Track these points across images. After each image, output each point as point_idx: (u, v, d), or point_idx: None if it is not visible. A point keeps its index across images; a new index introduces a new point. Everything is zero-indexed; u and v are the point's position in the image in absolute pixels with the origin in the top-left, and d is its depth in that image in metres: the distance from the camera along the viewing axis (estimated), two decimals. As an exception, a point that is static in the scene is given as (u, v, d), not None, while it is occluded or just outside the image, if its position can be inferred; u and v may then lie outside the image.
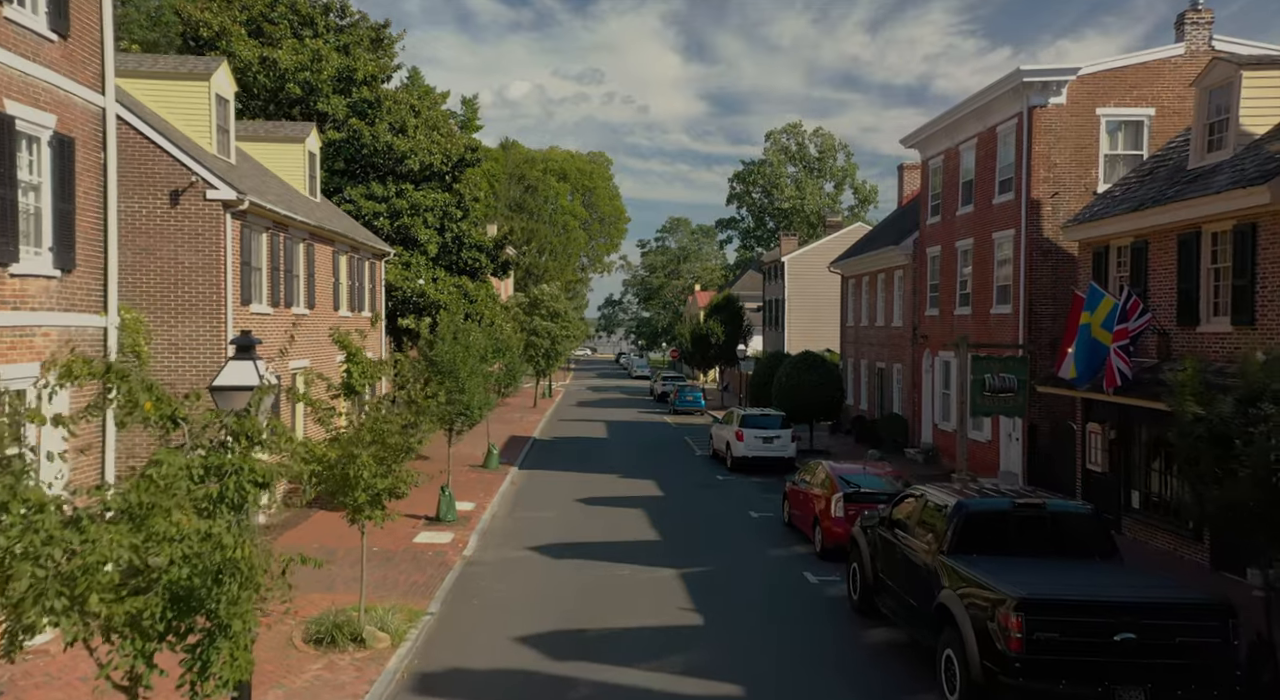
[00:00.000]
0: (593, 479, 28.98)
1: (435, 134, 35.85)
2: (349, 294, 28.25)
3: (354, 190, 33.16)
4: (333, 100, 33.58)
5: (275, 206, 20.60)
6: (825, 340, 54.57)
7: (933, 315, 31.19)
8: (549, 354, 55.96)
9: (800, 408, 33.52)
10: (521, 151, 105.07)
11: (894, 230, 38.32)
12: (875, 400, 37.54)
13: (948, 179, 30.04)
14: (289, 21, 34.58)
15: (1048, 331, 24.07)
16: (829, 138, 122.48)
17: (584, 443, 39.20)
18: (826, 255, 54.78)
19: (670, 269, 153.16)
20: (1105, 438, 19.82)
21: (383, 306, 31.95)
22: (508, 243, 38.15)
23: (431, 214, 35.28)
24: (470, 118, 48.21)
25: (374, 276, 31.11)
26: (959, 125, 28.67)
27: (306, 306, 23.93)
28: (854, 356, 40.72)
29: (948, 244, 29.87)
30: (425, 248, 34.95)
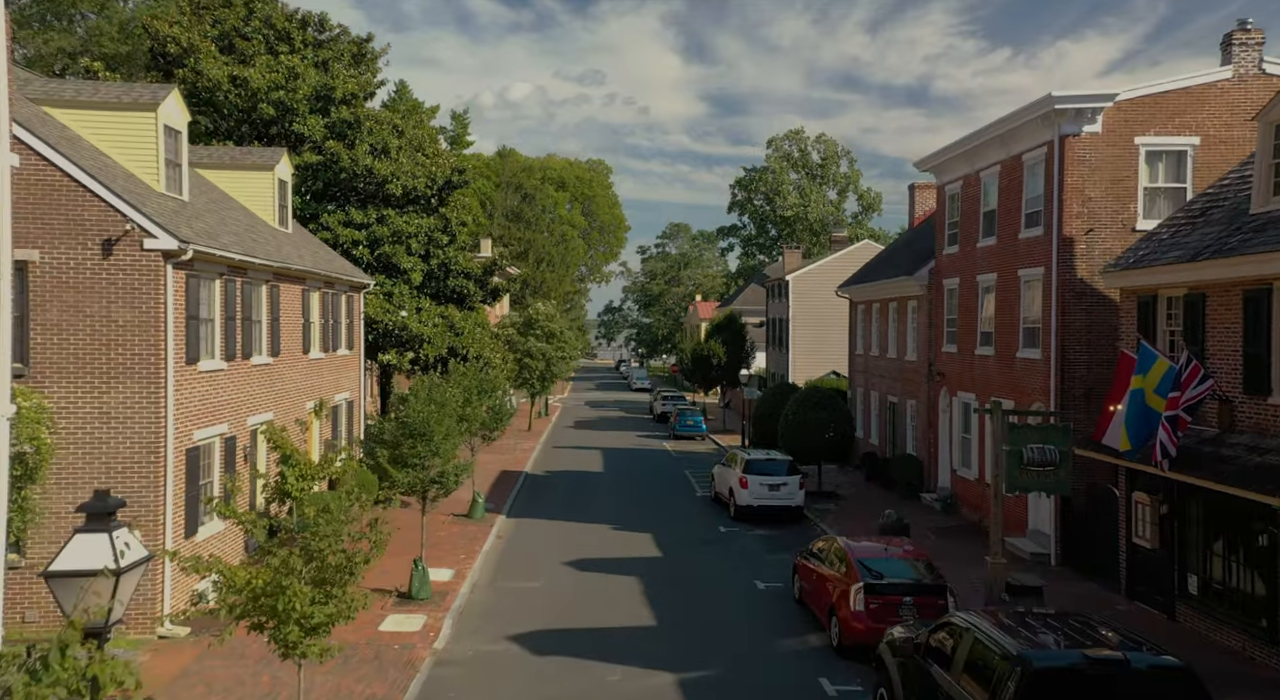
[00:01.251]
0: (585, 531, 26.90)
1: (419, 155, 33.77)
2: (322, 333, 26.18)
3: (331, 217, 31.08)
4: (310, 121, 31.50)
5: (229, 251, 18.52)
6: (831, 362, 52.54)
7: (950, 352, 29.10)
8: (544, 377, 53.89)
9: (809, 449, 31.41)
10: (519, 160, 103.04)
11: (906, 254, 36.25)
12: (886, 435, 35.44)
13: (967, 207, 27.96)
14: (264, 37, 32.50)
15: (1081, 381, 21.98)
16: (831, 144, 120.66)
17: (578, 478, 37.11)
18: (832, 273, 52.75)
19: (670, 276, 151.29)
20: (1155, 511, 17.72)
21: (361, 342, 29.88)
22: (497, 269, 36.07)
23: (415, 240, 33.20)
24: (461, 133, 46.13)
25: (352, 310, 29.05)
26: (980, 151, 26.58)
27: (270, 354, 21.85)
28: (863, 386, 38.63)
29: (967, 277, 27.78)
30: (409, 276, 32.88)
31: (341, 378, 28.19)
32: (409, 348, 31.78)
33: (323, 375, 26.31)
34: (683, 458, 44.64)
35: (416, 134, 34.97)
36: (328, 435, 26.83)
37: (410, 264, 32.64)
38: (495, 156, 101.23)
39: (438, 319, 33.10)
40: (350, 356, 29.08)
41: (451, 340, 32.49)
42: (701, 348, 55.59)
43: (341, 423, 28.47)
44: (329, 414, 26.80)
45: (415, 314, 32.58)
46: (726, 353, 54.88)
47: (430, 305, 33.99)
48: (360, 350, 29.90)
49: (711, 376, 56.05)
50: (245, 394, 20.23)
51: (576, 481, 36.31)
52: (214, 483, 18.61)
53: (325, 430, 26.68)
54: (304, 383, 24.58)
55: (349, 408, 29.05)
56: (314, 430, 25.79)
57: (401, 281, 32.88)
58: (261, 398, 21.22)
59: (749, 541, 25.86)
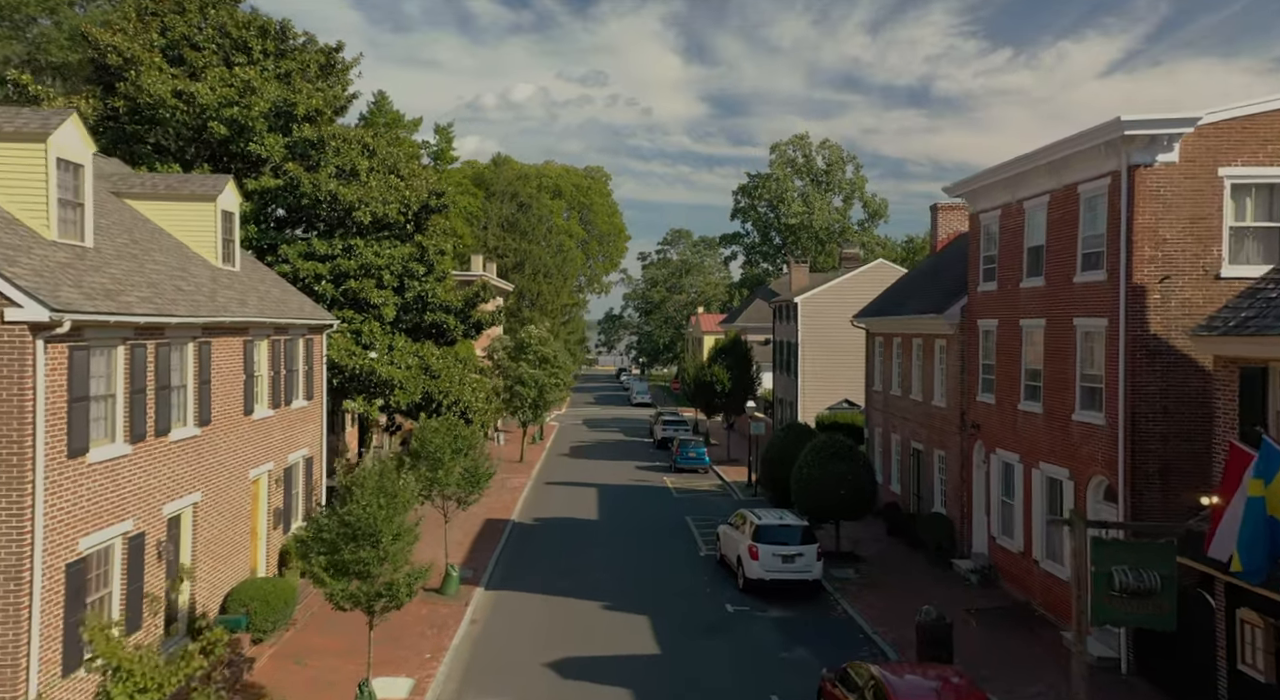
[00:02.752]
0: (574, 611, 23.55)
1: (393, 177, 30.44)
2: (271, 387, 22.84)
3: (291, 249, 27.75)
4: (268, 140, 28.20)
5: (134, 312, 15.19)
6: (843, 389, 49.22)
7: (987, 402, 25.74)
8: (536, 404, 50.57)
9: (826, 507, 28.05)
10: (514, 167, 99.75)
11: (931, 285, 32.89)
12: (909, 485, 32.07)
13: (1007, 241, 24.60)
14: (218, 47, 29.19)
15: (1155, 456, 18.61)
16: (836, 149, 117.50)
17: (570, 529, 33.75)
18: (844, 294, 49.42)
19: (672, 283, 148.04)
20: (1270, 636, 14.37)
21: (323, 390, 26.53)
22: (480, 301, 32.73)
23: (388, 272, 29.87)
24: (444, 148, 42.75)
25: (311, 355, 25.70)
26: (1024, 179, 23.23)
27: (198, 424, 18.51)
28: (882, 427, 35.26)
29: (1008, 320, 24.43)
30: (380, 311, 29.54)
31: (297, 434, 24.86)
32: (378, 394, 28.44)
33: (272, 435, 22.97)
34: (685, 499, 41.26)
35: (391, 152, 31.62)
36: (279, 504, 23.48)
37: (381, 298, 29.31)
38: (490, 164, 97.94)
39: (412, 359, 29.75)
40: (309, 408, 25.74)
41: (427, 384, 29.16)
42: (704, 372, 52.24)
43: (298, 484, 25.12)
44: (280, 479, 23.46)
45: (387, 354, 29.25)
46: (731, 378, 51.49)
47: (405, 343, 30.67)
48: (322, 399, 26.56)
49: (715, 403, 52.68)
50: (161, 478, 16.89)
51: (568, 534, 32.95)
52: (113, 594, 15.28)
53: (276, 498, 23.34)
54: (246, 449, 21.25)
55: (307, 466, 25.70)
56: (260, 501, 22.45)
57: (372, 318, 29.56)
58: (185, 478, 17.87)
59: (762, 630, 22.45)
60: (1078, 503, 20.59)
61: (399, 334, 30.90)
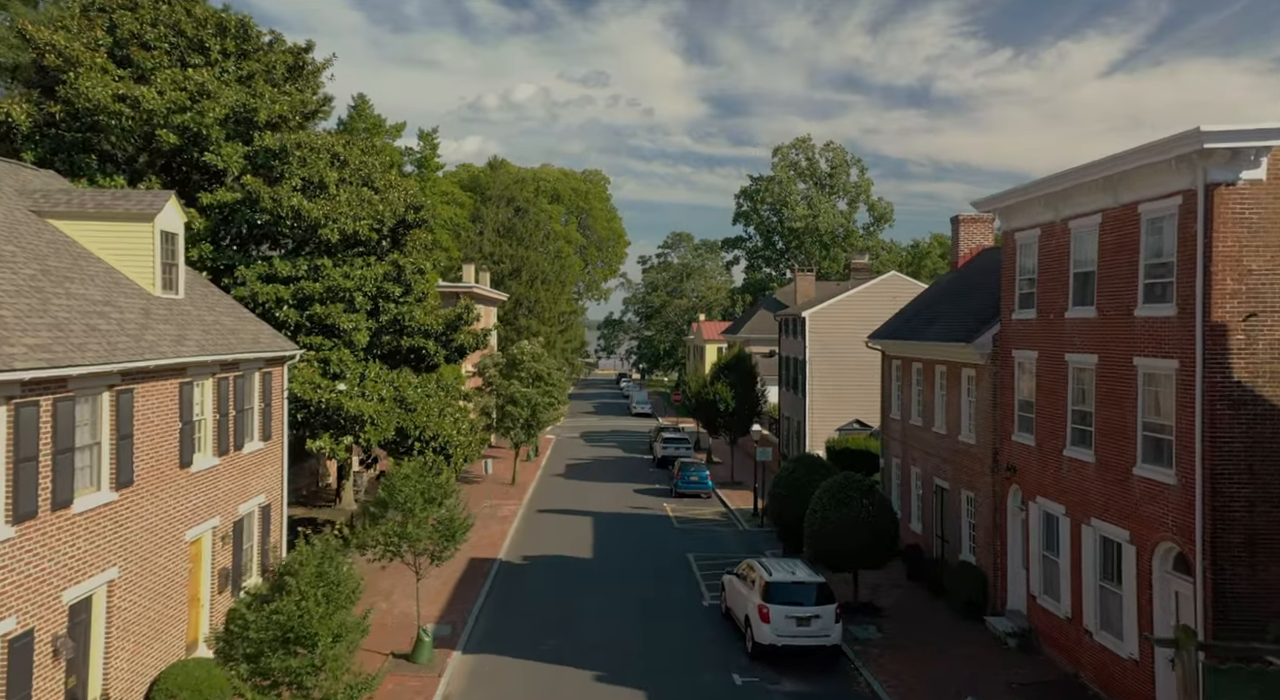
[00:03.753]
0: (562, 683, 20.80)
1: (366, 190, 27.71)
2: (217, 432, 20.11)
3: (249, 271, 25.02)
4: (226, 150, 25.49)
5: (15, 366, 12.48)
6: (854, 409, 46.47)
7: (1024, 444, 22.99)
8: (528, 424, 47.81)
9: (843, 554, 25.33)
10: (511, 170, 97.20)
11: (953, 306, 30.13)
12: (933, 525, 29.31)
13: (1049, 264, 21.86)
14: (171, 46, 26.46)
15: (1241, 525, 15.86)
16: (840, 152, 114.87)
17: (562, 570, 31.00)
18: (854, 309, 46.71)
19: (672, 287, 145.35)
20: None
21: (284, 428, 23.80)
22: (464, 322, 29.97)
23: (360, 294, 27.15)
24: (429, 155, 39.91)
25: (269, 390, 22.98)
26: (1070, 195, 20.49)
27: (115, 487, 15.79)
28: (901, 458, 32.50)
29: (1050, 354, 21.68)
30: (351, 337, 26.81)
31: (251, 481, 22.14)
32: (346, 431, 25.70)
33: (218, 486, 20.25)
34: (686, 530, 38.52)
35: (366, 162, 28.89)
36: (227, 563, 20.74)
37: (352, 323, 26.57)
38: (486, 167, 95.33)
39: (386, 390, 27.00)
40: (267, 450, 23.02)
41: (401, 419, 26.41)
42: (707, 390, 49.50)
43: (253, 536, 22.39)
44: (228, 536, 20.72)
45: (359, 384, 26.50)
46: (735, 395, 48.75)
47: (380, 370, 27.93)
48: (283, 438, 23.84)
49: (718, 423, 49.92)
50: (59, 560, 14.17)
51: (559, 577, 30.19)
52: (-7, 711, 12.56)
53: (224, 557, 20.59)
54: (183, 506, 18.52)
55: (264, 516, 22.98)
56: (202, 563, 19.72)
57: (342, 344, 26.82)
58: (94, 554, 15.14)
59: (774, 709, 19.73)
60: (1140, 571, 17.84)
61: (373, 361, 28.18)
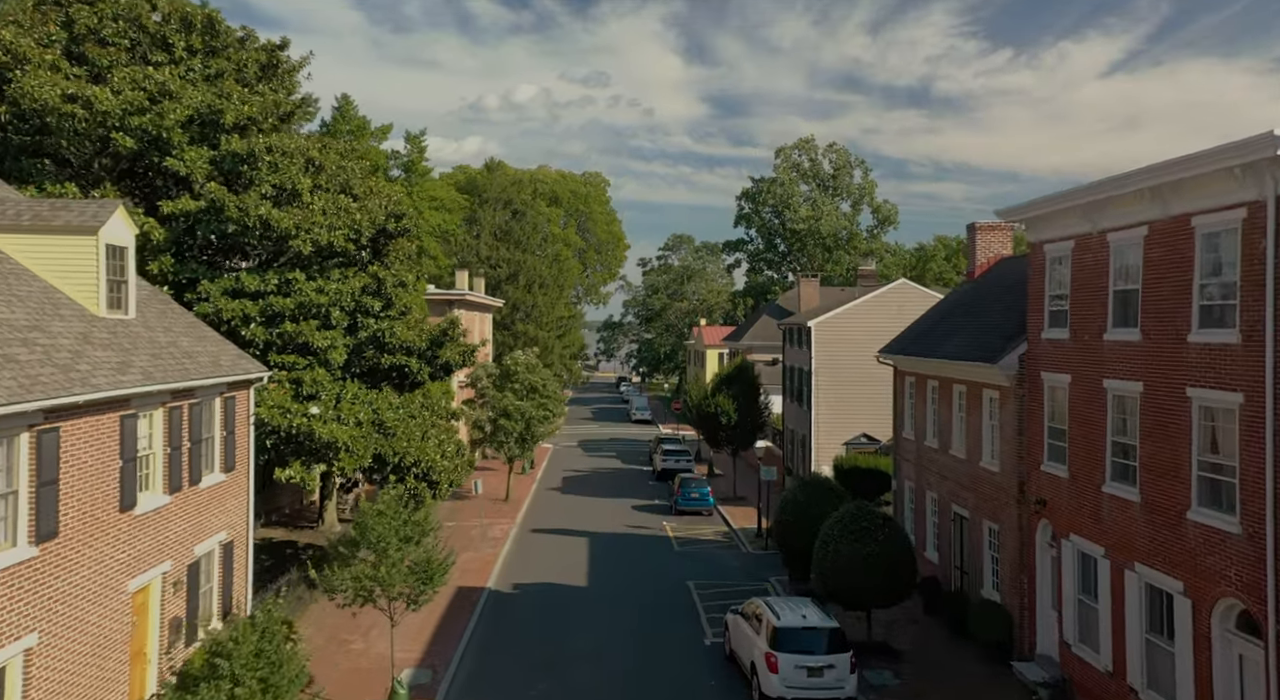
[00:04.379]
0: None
1: (343, 198, 25.80)
2: (168, 467, 18.20)
3: (212, 285, 23.11)
4: (189, 155, 23.59)
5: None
6: (861, 422, 44.65)
7: (1056, 475, 21.07)
8: (522, 439, 45.91)
9: (856, 592, 23.44)
10: (508, 173, 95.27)
11: (970, 319, 28.21)
12: (951, 556, 27.40)
13: (1084, 280, 19.94)
14: (131, 42, 24.55)
15: (1318, 584, 13.93)
16: (844, 153, 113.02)
17: (554, 601, 29.09)
18: (862, 319, 44.82)
19: (673, 289, 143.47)
20: None
21: (250, 457, 21.88)
22: (449, 338, 28.04)
23: (337, 309, 25.26)
24: (416, 159, 37.90)
25: (231, 417, 21.06)
26: (1110, 205, 18.57)
27: (35, 541, 13.88)
28: (915, 481, 30.58)
29: (1086, 379, 19.76)
30: (326, 356, 24.91)
31: (210, 517, 20.22)
32: (319, 458, 23.79)
33: (169, 527, 18.34)
34: (687, 553, 36.60)
35: (345, 167, 26.99)
36: (179, 611, 18.81)
37: (327, 341, 24.67)
38: (482, 169, 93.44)
39: (364, 412, 25.08)
40: (230, 482, 21.11)
41: (379, 444, 24.49)
42: (708, 402, 47.56)
43: (212, 578, 20.47)
44: (181, 581, 18.80)
45: (334, 407, 24.59)
46: (737, 408, 46.83)
47: (359, 391, 26.03)
48: (248, 469, 21.92)
49: (720, 437, 47.99)
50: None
51: (551, 609, 28.28)
52: None
53: (176, 605, 18.66)
54: (124, 554, 16.61)
55: (226, 553, 21.06)
56: (149, 615, 17.80)
57: (316, 364, 24.90)
58: (5, 622, 13.22)
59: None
60: (1197, 629, 15.92)
61: (352, 380, 26.28)
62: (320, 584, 19.67)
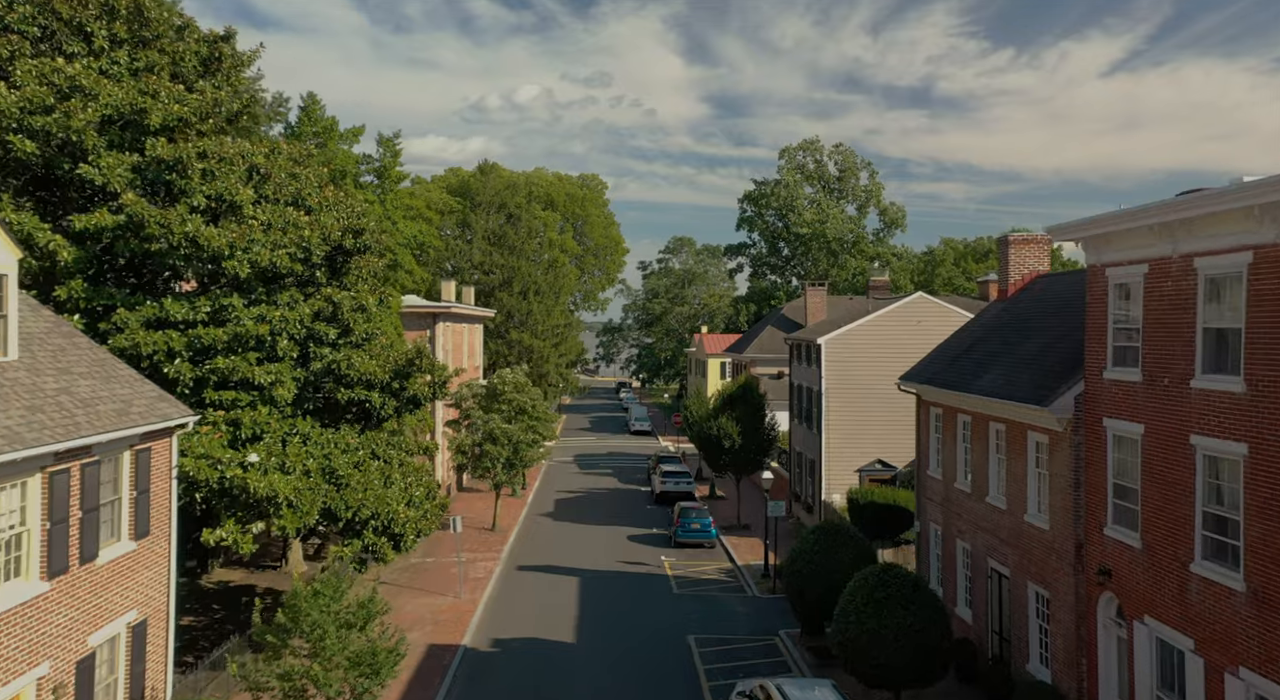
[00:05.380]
0: None
1: (292, 210, 22.48)
2: (46, 545, 14.87)
3: (131, 314, 19.78)
4: (106, 161, 20.27)
5: None
6: (875, 447, 41.30)
7: (1124, 542, 17.72)
8: (510, 463, 42.57)
9: (884, 672, 20.10)
10: (503, 175, 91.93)
11: (1004, 345, 24.84)
12: (988, 617, 24.03)
13: (1161, 313, 16.59)
14: (42, 30, 21.22)
15: None
16: (850, 154, 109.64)
17: (538, 664, 25.76)
18: (876, 335, 41.52)
19: (674, 294, 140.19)
20: None
21: (172, 519, 18.54)
22: (416, 369, 24.68)
23: (286, 337, 21.94)
24: (389, 164, 34.49)
25: (144, 473, 17.72)
26: (1199, 224, 15.22)
27: None
28: (942, 526, 27.22)
29: (1165, 432, 16.41)
30: (271, 393, 21.58)
31: (112, 597, 16.88)
32: (256, 515, 20.43)
33: (49, 620, 15.01)
34: (687, 597, 33.26)
35: (300, 175, 23.68)
36: (67, 720, 15.46)
37: (270, 375, 21.33)
38: (475, 172, 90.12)
39: (316, 456, 21.74)
40: (141, 552, 17.77)
41: (329, 497, 21.14)
42: (710, 424, 44.22)
43: (116, 669, 17.11)
44: (64, 686, 15.43)
45: (280, 451, 21.24)
46: (741, 431, 43.52)
47: (314, 430, 22.71)
48: (169, 532, 18.58)
49: (722, 461, 44.66)
50: None
51: (534, 675, 24.91)
52: None
53: (62, 713, 15.31)
54: (-19, 666, 13.27)
55: (136, 638, 17.69)
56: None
57: (261, 401, 21.57)
58: None
59: None
60: (1331, 766, 12.57)
61: (304, 418, 22.95)
62: (240, 678, 16.34)
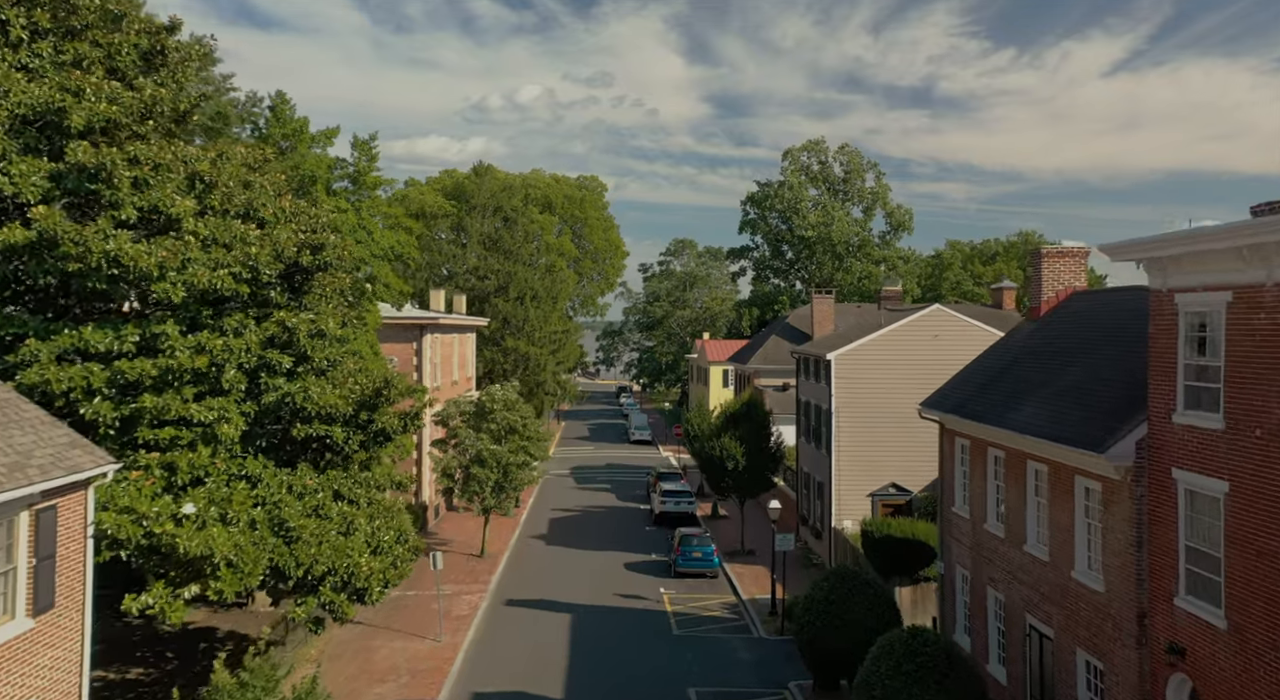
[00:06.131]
0: None
1: (240, 224, 19.82)
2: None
3: (42, 345, 17.13)
4: (18, 168, 17.63)
5: None
6: (889, 470, 38.67)
7: (1202, 617, 15.03)
8: (499, 487, 39.92)
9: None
10: (498, 177, 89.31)
11: (1043, 373, 22.14)
12: (1026, 680, 21.30)
13: (1248, 349, 13.91)
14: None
15: None
16: (856, 155, 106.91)
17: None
18: (889, 350, 38.81)
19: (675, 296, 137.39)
20: None
21: (86, 586, 15.87)
22: (384, 399, 21.99)
23: (233, 368, 19.28)
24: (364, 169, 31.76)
25: (49, 536, 15.06)
26: (1313, 244, 12.54)
27: None
28: (969, 570, 24.52)
29: (1258, 491, 13.72)
30: (213, 429, 18.92)
31: (5, 689, 14.23)
32: (190, 576, 17.73)
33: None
34: (688, 639, 30.61)
35: (254, 183, 21.04)
36: None
37: (212, 412, 18.68)
38: (470, 174, 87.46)
39: (264, 503, 19.08)
40: (40, 629, 15.11)
41: (277, 553, 18.45)
42: (712, 444, 41.50)
43: (13, 771, 14.47)
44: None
45: (225, 497, 18.57)
46: (745, 452, 40.83)
47: (266, 470, 20.06)
48: (84, 602, 15.91)
49: (726, 484, 41.98)
50: None
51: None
52: None
53: None
54: None
55: (38, 731, 15.03)
56: None
57: (202, 440, 18.91)
58: None
59: None
60: None
61: (255, 457, 20.29)
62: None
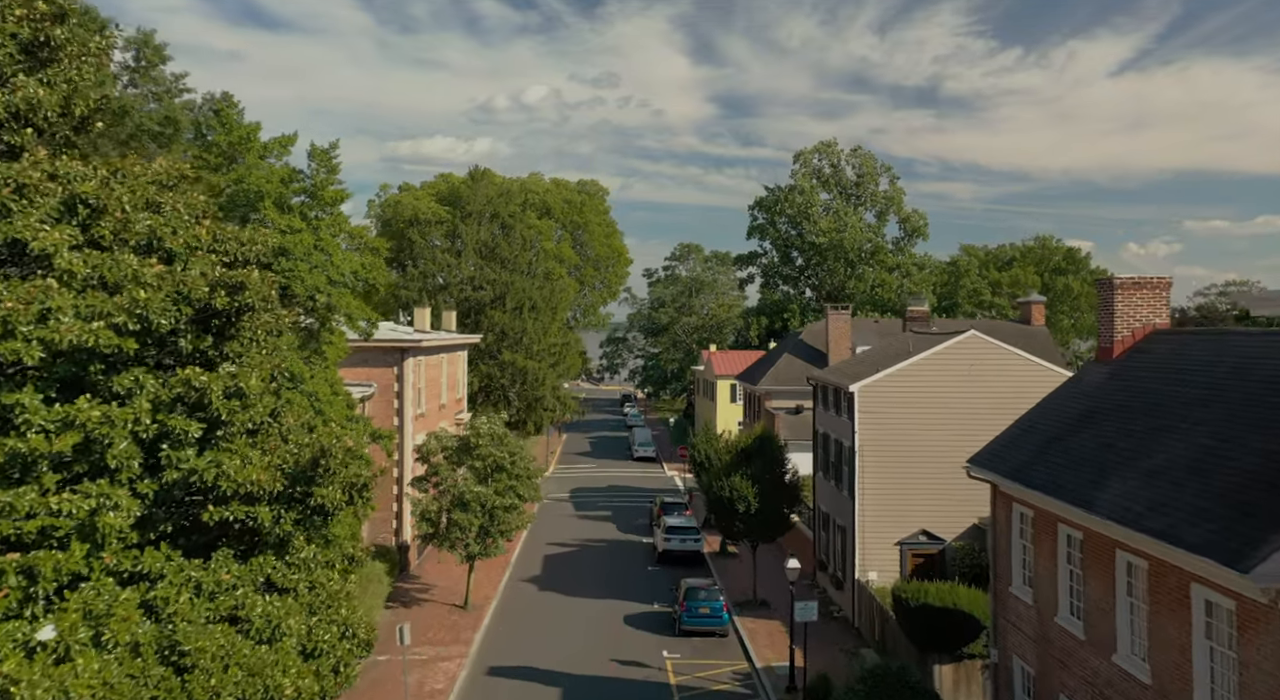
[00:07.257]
0: None
1: (134, 260, 15.77)
2: None
3: None
4: None
5: None
6: (919, 515, 34.67)
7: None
8: (484, 532, 35.82)
9: None
10: (495, 182, 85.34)
11: (1122, 429, 17.97)
12: (1112, 823, 17.13)
13: None
14: None
15: None
16: (869, 158, 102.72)
17: None
18: (919, 380, 34.76)
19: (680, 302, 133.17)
20: None
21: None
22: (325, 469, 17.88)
23: (122, 440, 15.24)
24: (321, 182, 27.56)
25: None
26: None
27: None
28: (1034, 668, 20.34)
29: None
30: (92, 523, 14.88)
31: None
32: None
33: None
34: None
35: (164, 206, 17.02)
36: None
37: (88, 502, 14.65)
38: (465, 179, 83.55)
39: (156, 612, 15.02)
40: None
41: (164, 689, 14.32)
42: (721, 485, 37.40)
43: None
44: None
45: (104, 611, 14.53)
46: (759, 493, 36.72)
47: (169, 564, 16.02)
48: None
49: (736, 529, 37.88)
50: None
51: None
52: None
53: None
54: None
55: None
56: None
57: (74, 536, 14.87)
58: None
59: None
60: None
61: (154, 548, 16.23)
62: None
